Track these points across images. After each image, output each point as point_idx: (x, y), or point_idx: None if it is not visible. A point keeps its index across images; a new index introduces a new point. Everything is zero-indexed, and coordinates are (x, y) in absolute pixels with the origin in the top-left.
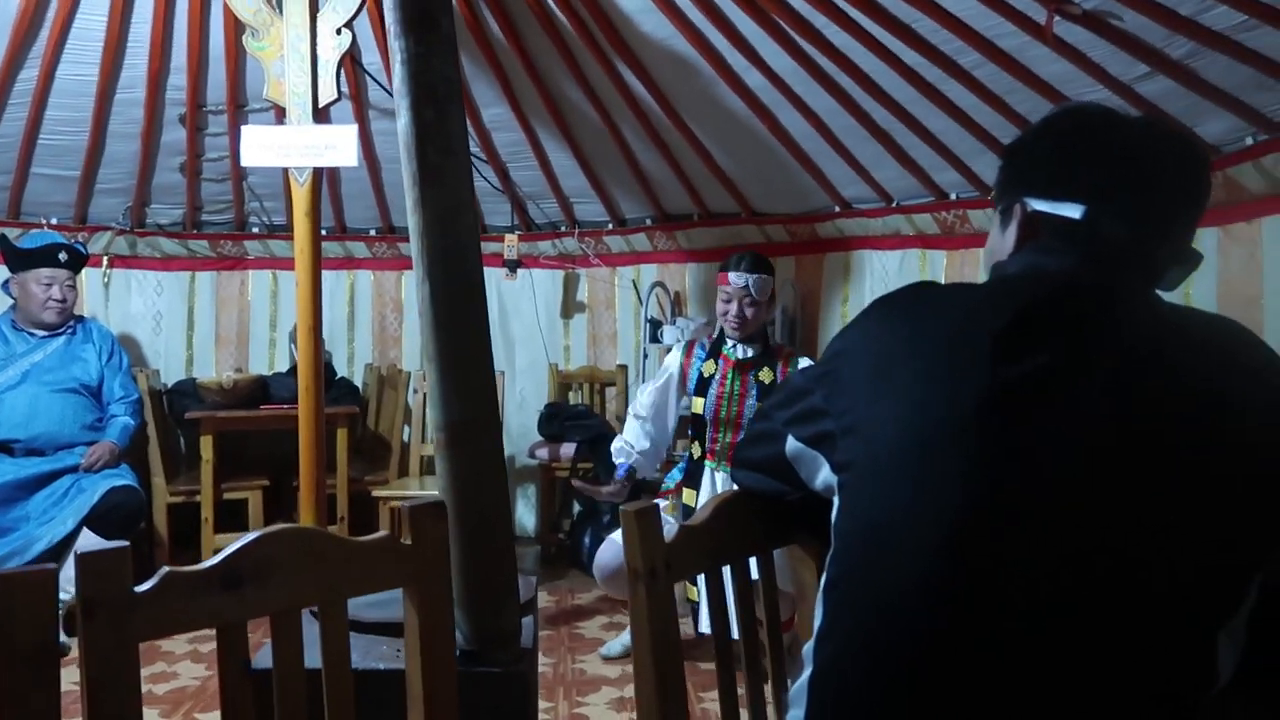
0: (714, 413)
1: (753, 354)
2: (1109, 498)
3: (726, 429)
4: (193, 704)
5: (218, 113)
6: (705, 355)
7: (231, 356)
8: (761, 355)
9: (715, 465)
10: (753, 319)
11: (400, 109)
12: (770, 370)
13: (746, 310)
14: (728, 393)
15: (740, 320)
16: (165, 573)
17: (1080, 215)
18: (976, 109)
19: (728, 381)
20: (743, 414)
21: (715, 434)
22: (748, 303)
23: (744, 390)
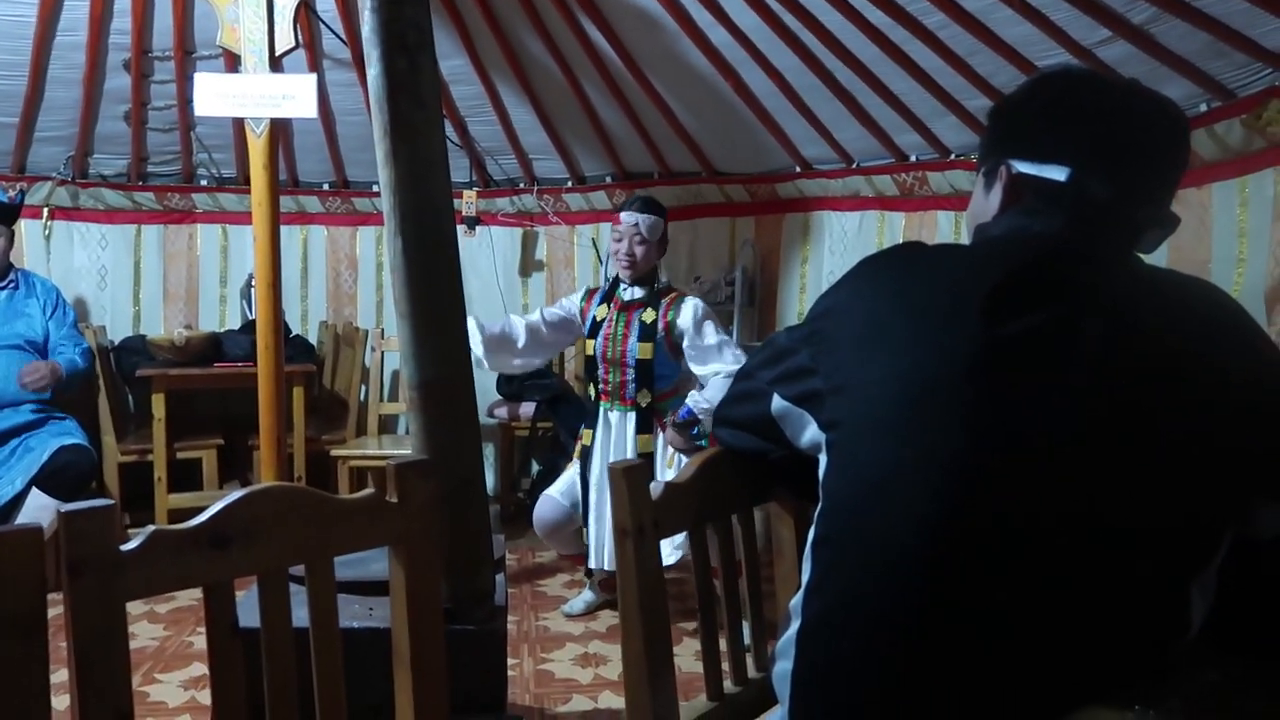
0: (602, 352)
1: (640, 295)
2: (1092, 455)
3: (614, 369)
4: (152, 664)
5: (164, 59)
6: (600, 300)
7: (181, 313)
8: (647, 296)
9: (609, 405)
10: (642, 258)
11: (371, 58)
12: (654, 310)
13: (636, 249)
14: (614, 333)
15: (630, 258)
16: (152, 531)
17: (1065, 178)
18: (939, 71)
19: (615, 322)
20: (626, 352)
21: (605, 374)
22: (637, 241)
23: (627, 330)
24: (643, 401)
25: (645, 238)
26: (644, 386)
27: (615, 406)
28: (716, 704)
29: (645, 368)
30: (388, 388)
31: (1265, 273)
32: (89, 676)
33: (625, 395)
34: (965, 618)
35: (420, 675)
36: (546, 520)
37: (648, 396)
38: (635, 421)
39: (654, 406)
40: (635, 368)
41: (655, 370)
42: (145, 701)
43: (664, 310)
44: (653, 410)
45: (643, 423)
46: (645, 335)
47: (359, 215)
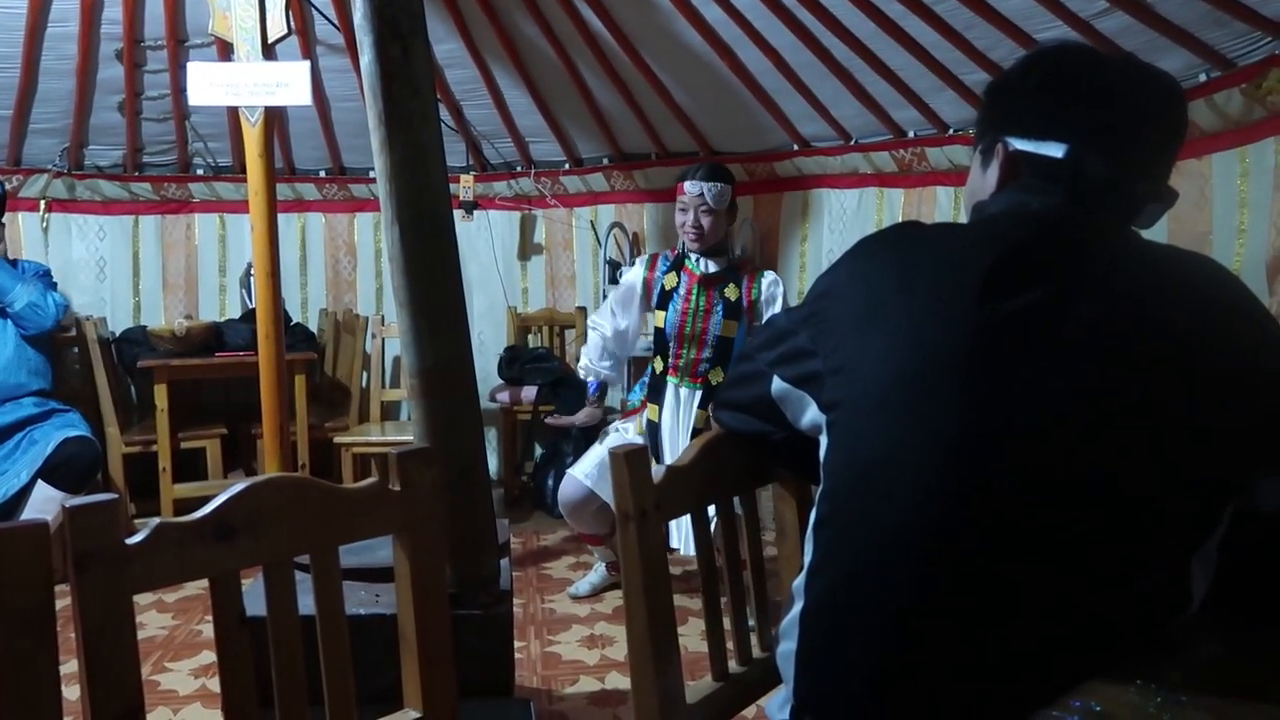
0: (678, 328)
1: (717, 269)
2: (1093, 430)
3: (691, 345)
4: (162, 654)
5: (157, 49)
6: (667, 268)
7: (180, 303)
8: (726, 270)
9: (678, 381)
10: (710, 229)
11: (364, 46)
12: (736, 287)
13: (703, 219)
14: (693, 308)
15: (698, 230)
16: (157, 524)
17: (1063, 154)
18: (936, 45)
19: (693, 297)
20: (708, 330)
21: (679, 350)
22: (704, 211)
23: (709, 306)
24: (714, 379)
25: (712, 207)
26: (719, 364)
27: (685, 383)
28: (721, 684)
29: (726, 346)
30: (389, 374)
31: (1266, 244)
32: (98, 668)
33: (697, 372)
34: (966, 595)
35: (427, 660)
36: (568, 499)
37: (720, 375)
38: (701, 399)
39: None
40: (715, 345)
41: (734, 350)
42: (156, 690)
43: (747, 286)
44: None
45: (707, 399)
46: (730, 313)
47: (356, 202)
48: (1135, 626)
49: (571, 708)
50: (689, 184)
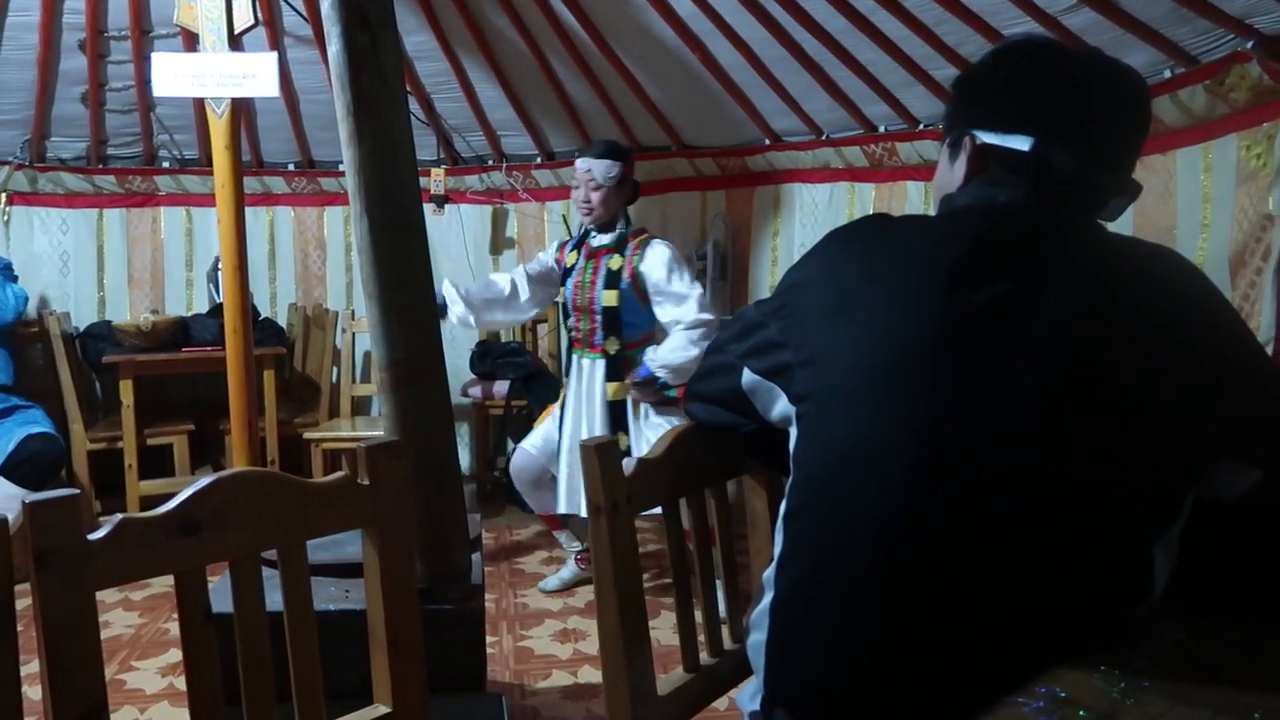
0: (572, 299)
1: (607, 241)
2: (1059, 419)
3: (584, 316)
4: (128, 652)
5: (121, 39)
6: (573, 247)
7: (146, 298)
8: (614, 242)
9: (580, 353)
10: (599, 204)
11: (331, 35)
12: (620, 256)
13: (592, 195)
14: (584, 280)
15: (588, 205)
16: (120, 519)
17: (1029, 148)
18: (907, 40)
19: (585, 270)
20: (594, 300)
21: (576, 321)
22: (592, 186)
23: (595, 277)
24: (611, 349)
25: (599, 182)
26: (611, 334)
27: (586, 354)
28: (693, 675)
29: (611, 315)
30: (360, 369)
31: (1229, 238)
32: (60, 667)
33: (594, 342)
34: (934, 585)
35: (397, 655)
36: (520, 470)
37: (616, 344)
38: (605, 369)
39: (624, 354)
40: (602, 315)
41: (623, 318)
42: (122, 689)
43: (630, 255)
44: (622, 358)
45: (612, 370)
46: (610, 282)
47: (326, 195)
48: (1100, 613)
49: (544, 702)
50: (579, 161)
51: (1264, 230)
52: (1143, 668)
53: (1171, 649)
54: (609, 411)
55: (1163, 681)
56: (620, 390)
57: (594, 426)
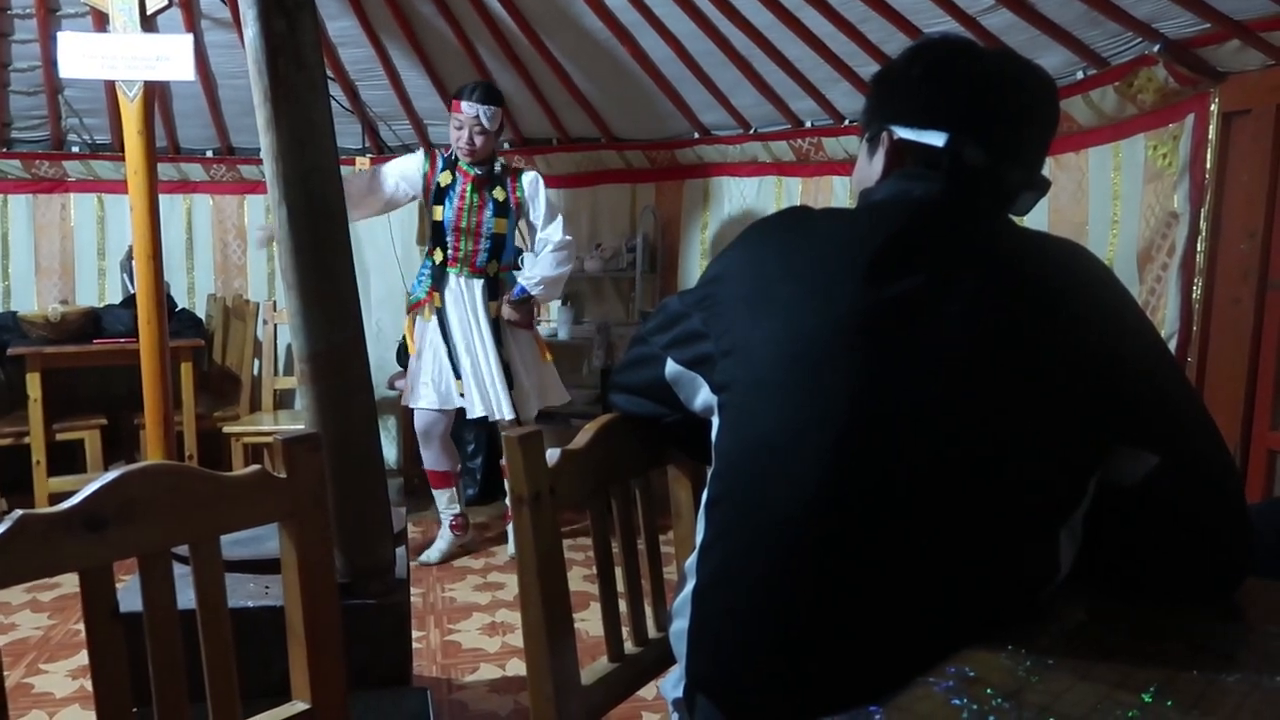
0: (455, 222)
1: (485, 172)
2: (969, 406)
3: (467, 238)
4: (36, 655)
5: (25, 17)
6: (443, 167)
7: (55, 287)
8: (494, 174)
9: (458, 271)
10: (482, 146)
11: (247, 19)
12: (503, 189)
13: (476, 138)
14: (468, 205)
15: (471, 147)
16: (19, 516)
17: (943, 143)
18: (832, 37)
19: (468, 195)
20: (482, 224)
21: (457, 242)
22: (478, 130)
23: (482, 203)
24: (491, 271)
25: (486, 128)
26: (494, 258)
27: (464, 273)
28: (617, 665)
29: (499, 241)
30: (282, 361)
31: (1137, 234)
32: None
33: (475, 264)
34: (849, 571)
35: (315, 651)
36: (430, 428)
37: (495, 267)
38: (484, 289)
39: (499, 276)
40: (490, 240)
41: (506, 243)
42: (30, 693)
43: (511, 187)
44: (499, 280)
45: (492, 290)
46: (500, 212)
47: (246, 183)
48: (1008, 596)
49: (472, 696)
50: (466, 104)
51: (1169, 227)
52: (1047, 647)
53: (1075, 629)
54: (494, 329)
55: (1066, 660)
56: (497, 310)
57: (484, 340)
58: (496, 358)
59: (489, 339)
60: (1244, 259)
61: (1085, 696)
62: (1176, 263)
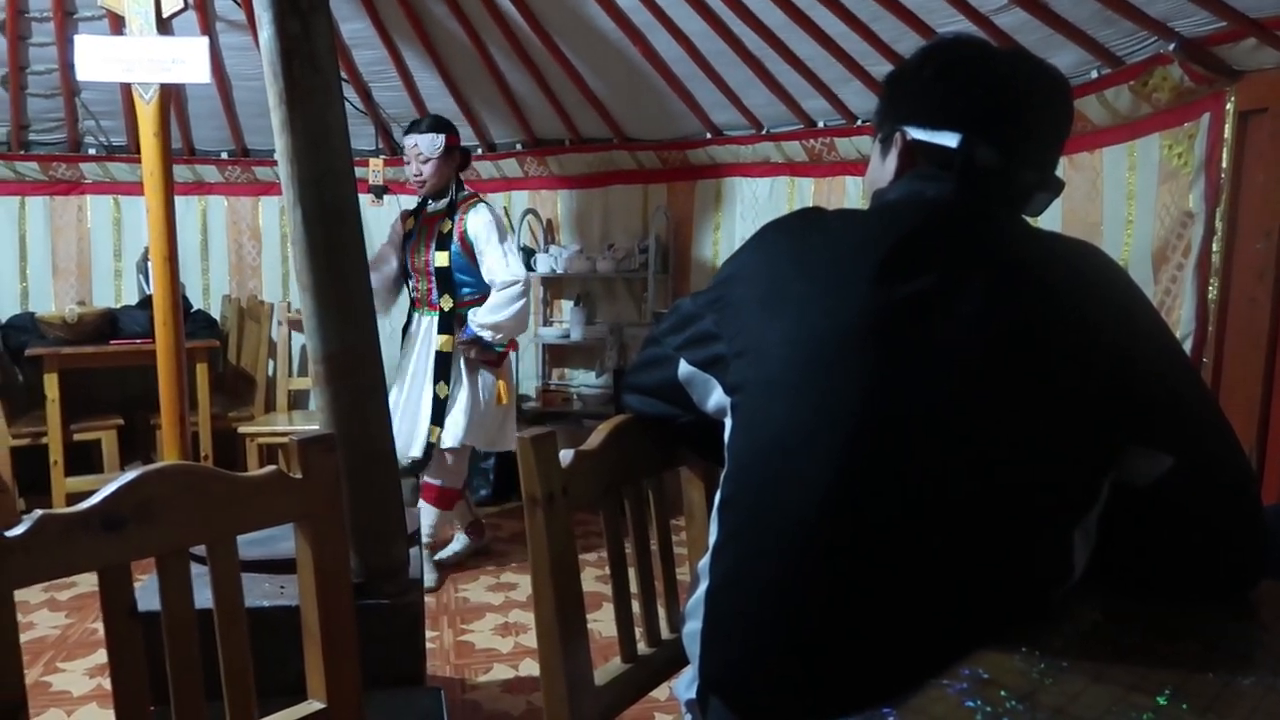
0: (410, 263)
1: (439, 207)
2: (982, 407)
3: (421, 276)
4: (54, 653)
5: (43, 20)
6: (412, 215)
7: (72, 289)
8: (446, 207)
9: (420, 311)
10: (431, 174)
11: (262, 21)
12: (449, 220)
13: (422, 167)
14: (418, 244)
15: (419, 177)
16: (39, 516)
17: (956, 144)
18: (844, 36)
19: (419, 234)
20: (428, 261)
21: (416, 283)
22: (421, 160)
23: (429, 240)
24: (445, 306)
25: (427, 155)
26: (445, 292)
27: (425, 311)
28: (630, 665)
29: (444, 275)
30: (297, 362)
31: (1151, 234)
32: None
33: (431, 300)
34: (863, 571)
35: (330, 650)
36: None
37: (450, 301)
38: (437, 323)
39: (456, 311)
40: (435, 275)
41: (455, 277)
42: (48, 692)
43: (459, 219)
44: (455, 314)
45: (444, 324)
46: (441, 244)
47: (261, 185)
48: (1021, 597)
49: (485, 696)
50: (407, 138)
51: (1184, 227)
52: (1061, 648)
53: (1089, 630)
54: (437, 361)
55: (1080, 661)
56: (448, 343)
57: (416, 375)
58: (424, 392)
59: (422, 373)
60: (1260, 258)
61: (1099, 699)
62: (1192, 263)
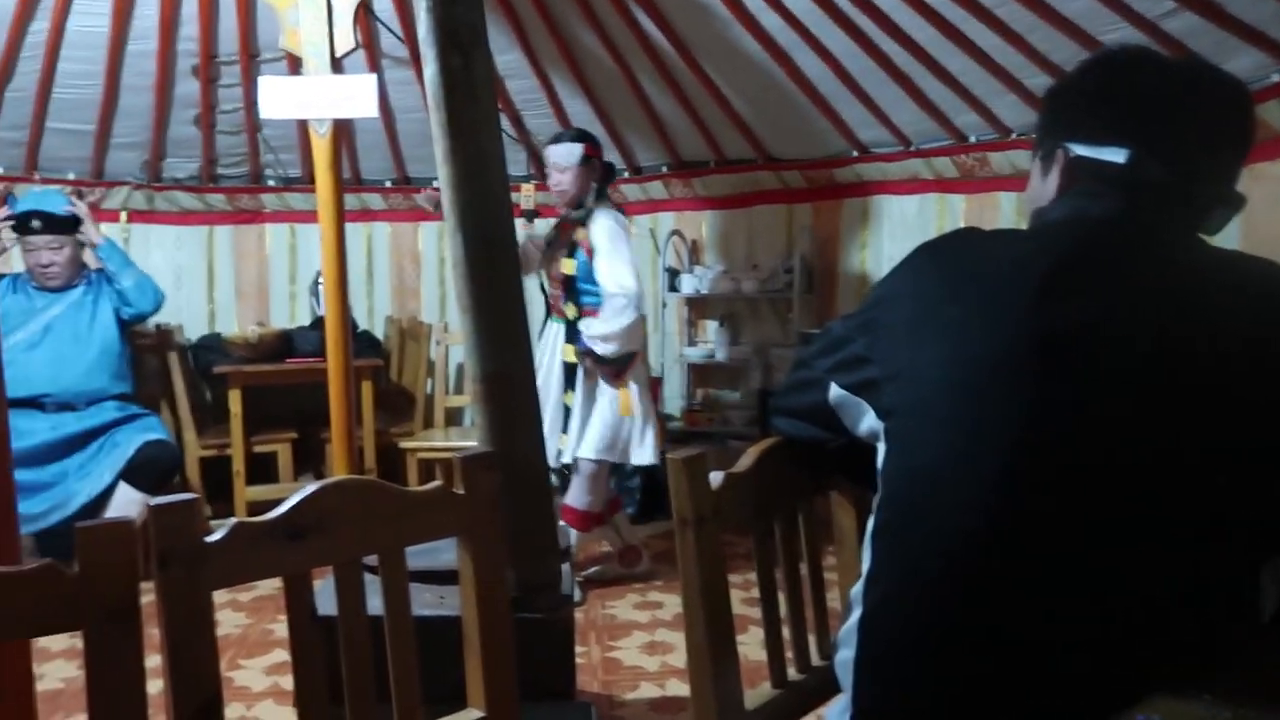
0: (547, 269)
1: (576, 216)
2: (1154, 438)
3: (552, 283)
4: (235, 651)
5: (230, 64)
6: (555, 224)
7: (252, 310)
8: (582, 217)
9: (552, 318)
10: (569, 184)
11: (427, 58)
12: (584, 229)
13: (560, 177)
14: (553, 251)
15: (559, 188)
16: (234, 523)
17: (1124, 160)
18: (998, 49)
19: (555, 242)
20: (558, 268)
21: (550, 288)
22: (559, 169)
23: (561, 246)
24: (569, 314)
25: (564, 165)
26: (570, 300)
27: (555, 318)
28: (780, 691)
29: (569, 283)
30: (453, 380)
31: None
32: (179, 661)
33: (559, 307)
34: (1024, 604)
35: (490, 662)
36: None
37: (574, 310)
38: (564, 332)
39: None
40: (563, 282)
41: (578, 286)
42: (231, 686)
43: (588, 227)
44: (576, 324)
45: (569, 334)
46: (569, 253)
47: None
48: (1201, 639)
49: (632, 713)
50: (546, 151)
51: None
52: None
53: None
54: (564, 371)
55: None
56: (572, 352)
57: (548, 385)
58: (558, 401)
59: (555, 381)
60: None
61: None
62: None
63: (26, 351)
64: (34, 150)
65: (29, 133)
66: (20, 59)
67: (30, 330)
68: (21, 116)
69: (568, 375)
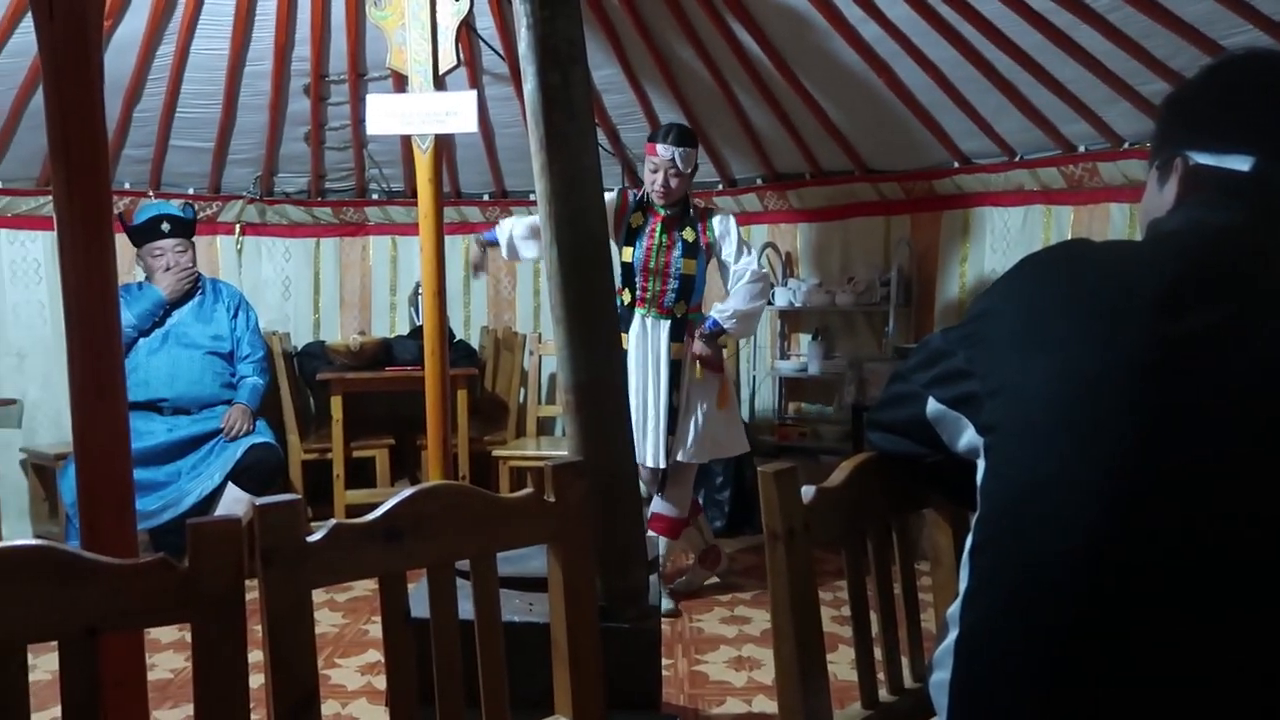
0: (644, 262)
1: (678, 212)
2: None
3: (655, 278)
4: (332, 650)
5: (339, 82)
6: (635, 207)
7: (355, 320)
8: (684, 214)
9: (645, 311)
10: (676, 188)
11: (527, 74)
12: (692, 230)
13: (671, 180)
14: (656, 245)
15: (665, 189)
16: (334, 525)
17: (1248, 168)
18: (1110, 55)
19: (657, 234)
20: (670, 264)
21: (645, 283)
22: (673, 173)
23: (670, 243)
24: (679, 312)
25: (680, 170)
26: (682, 298)
27: (651, 313)
28: (871, 712)
29: (688, 282)
30: (545, 390)
31: None
32: (280, 656)
33: (663, 304)
34: (1129, 631)
35: (577, 670)
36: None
37: (684, 308)
38: (669, 329)
39: (687, 317)
40: (678, 280)
41: (695, 283)
42: (326, 684)
43: (702, 229)
44: (685, 320)
45: (676, 331)
46: (689, 252)
47: None
48: None
49: None
50: (661, 147)
51: None
52: None
53: None
54: (671, 369)
55: None
56: (679, 350)
57: (659, 382)
58: (666, 401)
59: (664, 381)
60: None
61: None
62: None
63: (147, 357)
64: (158, 167)
65: (154, 150)
66: (148, 81)
67: (151, 337)
68: (147, 135)
69: (674, 374)
